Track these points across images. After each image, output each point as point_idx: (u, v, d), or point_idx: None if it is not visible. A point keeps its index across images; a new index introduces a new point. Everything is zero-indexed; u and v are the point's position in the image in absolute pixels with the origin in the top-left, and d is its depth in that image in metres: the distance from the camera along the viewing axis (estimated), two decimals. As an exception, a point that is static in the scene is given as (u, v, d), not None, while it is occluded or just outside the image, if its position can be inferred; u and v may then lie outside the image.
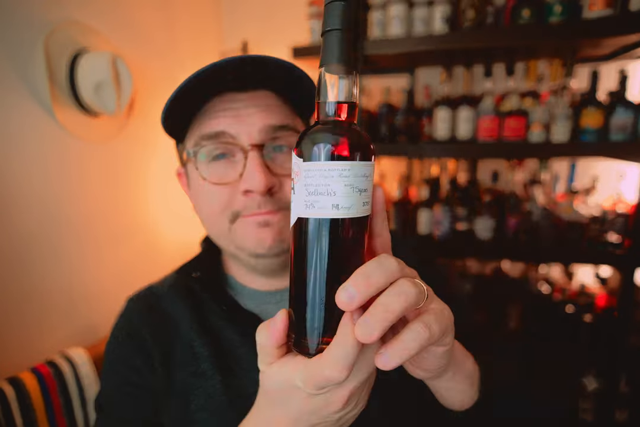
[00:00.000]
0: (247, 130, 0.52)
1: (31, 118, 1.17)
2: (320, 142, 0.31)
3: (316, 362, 0.31)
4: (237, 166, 0.54)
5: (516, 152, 1.44)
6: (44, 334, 1.22)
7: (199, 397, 0.55)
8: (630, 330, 1.39)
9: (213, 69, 0.48)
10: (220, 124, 0.53)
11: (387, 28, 1.49)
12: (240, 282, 0.65)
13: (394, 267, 0.30)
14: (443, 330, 0.32)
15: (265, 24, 2.00)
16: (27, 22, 1.14)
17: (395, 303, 0.29)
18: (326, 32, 0.32)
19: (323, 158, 0.31)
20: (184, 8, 1.79)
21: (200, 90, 0.51)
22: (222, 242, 0.60)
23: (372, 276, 0.29)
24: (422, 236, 1.62)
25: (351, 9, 0.31)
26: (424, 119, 1.59)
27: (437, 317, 0.32)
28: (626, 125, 1.29)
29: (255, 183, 0.51)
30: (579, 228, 1.43)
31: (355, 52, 0.30)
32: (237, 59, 0.48)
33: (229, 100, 0.54)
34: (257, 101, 0.54)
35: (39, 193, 1.21)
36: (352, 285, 0.29)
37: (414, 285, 0.30)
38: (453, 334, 0.35)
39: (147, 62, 1.59)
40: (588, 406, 1.51)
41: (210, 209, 0.56)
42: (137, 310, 0.62)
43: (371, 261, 0.31)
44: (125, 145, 1.50)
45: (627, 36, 1.26)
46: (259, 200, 0.53)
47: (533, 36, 1.34)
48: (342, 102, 0.33)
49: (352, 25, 0.32)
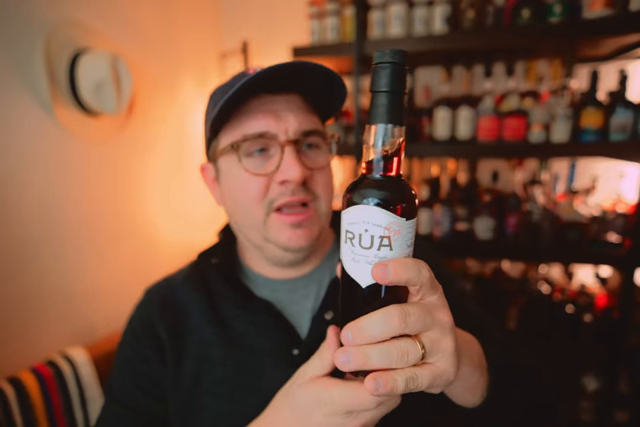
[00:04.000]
0: (284, 130, 0.58)
1: (31, 118, 1.18)
2: (415, 202, 0.36)
3: (356, 387, 0.38)
4: (272, 160, 0.59)
5: (516, 152, 1.44)
6: (43, 334, 1.22)
7: (207, 383, 0.58)
8: (630, 330, 1.39)
9: (271, 71, 0.52)
10: (262, 125, 0.57)
11: (387, 28, 1.49)
12: (254, 270, 0.68)
13: (395, 325, 0.34)
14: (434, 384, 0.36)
15: (265, 24, 2.00)
16: (27, 22, 1.14)
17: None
18: (375, 93, 0.34)
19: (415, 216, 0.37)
20: (184, 8, 1.79)
21: (247, 89, 0.55)
22: (252, 233, 0.62)
23: (367, 331, 0.34)
24: (422, 236, 1.62)
25: (402, 69, 0.34)
26: (424, 119, 1.59)
27: (434, 375, 0.35)
28: (626, 125, 1.29)
29: (292, 173, 0.56)
30: (579, 228, 1.43)
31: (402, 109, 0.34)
32: (298, 64, 0.53)
33: (268, 102, 0.59)
34: (290, 104, 0.59)
35: (39, 193, 1.21)
36: (350, 332, 0.34)
37: (411, 351, 0.34)
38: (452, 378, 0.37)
39: (147, 62, 1.59)
40: (588, 406, 1.51)
41: (248, 198, 0.59)
42: (153, 302, 0.66)
43: (378, 313, 0.34)
44: (125, 145, 1.50)
45: (627, 36, 1.26)
46: (292, 188, 0.57)
47: (533, 36, 1.34)
48: (398, 160, 0.37)
49: (404, 85, 0.35)
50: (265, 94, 0.59)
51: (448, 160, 1.71)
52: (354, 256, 0.35)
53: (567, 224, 1.44)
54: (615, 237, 1.41)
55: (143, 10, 1.56)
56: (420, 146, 1.53)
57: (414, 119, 1.60)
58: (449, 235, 1.59)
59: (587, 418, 1.51)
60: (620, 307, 1.38)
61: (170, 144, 1.75)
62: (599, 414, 1.49)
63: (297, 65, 0.53)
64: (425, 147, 1.52)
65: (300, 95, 0.62)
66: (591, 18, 1.27)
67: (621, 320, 1.37)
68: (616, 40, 1.32)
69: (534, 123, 1.39)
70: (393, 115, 0.34)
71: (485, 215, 1.53)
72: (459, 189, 1.67)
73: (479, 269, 1.80)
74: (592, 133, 1.32)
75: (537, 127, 1.38)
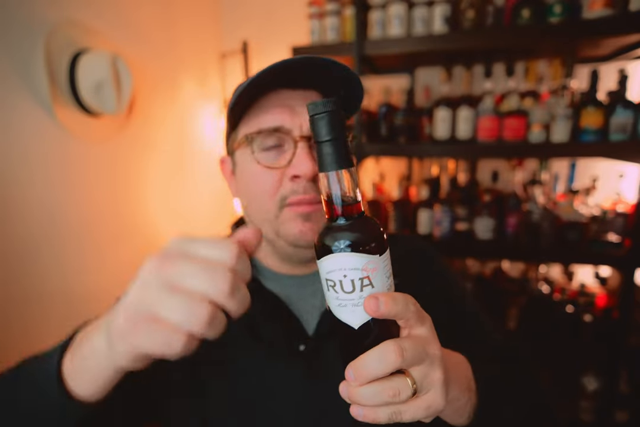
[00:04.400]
0: (299, 125, 0.58)
1: (31, 118, 1.18)
2: (383, 236, 0.38)
3: None
4: (285, 155, 0.60)
5: (516, 152, 1.44)
6: (43, 336, 1.22)
7: (205, 363, 0.60)
8: (630, 330, 1.39)
9: (285, 65, 0.53)
10: (278, 120, 0.58)
11: (387, 28, 1.49)
12: (264, 264, 0.69)
13: (392, 360, 0.34)
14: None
15: (265, 24, 2.00)
16: (27, 22, 1.14)
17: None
18: (319, 143, 0.35)
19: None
20: (184, 8, 1.79)
21: (264, 84, 0.56)
22: (265, 226, 0.62)
23: (367, 369, 0.35)
24: (422, 235, 1.62)
25: (338, 115, 0.35)
26: (424, 119, 1.59)
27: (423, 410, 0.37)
28: (626, 125, 1.29)
29: (303, 169, 0.56)
30: (579, 228, 1.43)
31: (350, 153, 0.36)
32: (315, 60, 0.53)
33: (285, 97, 0.59)
34: (307, 100, 0.59)
35: (39, 193, 1.21)
36: (352, 371, 0.35)
37: (403, 390, 0.35)
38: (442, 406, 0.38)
39: (147, 62, 1.59)
40: (588, 406, 1.51)
41: (262, 191, 0.60)
42: None
43: (375, 351, 0.35)
44: (126, 144, 1.50)
45: (627, 36, 1.26)
46: (304, 185, 0.58)
47: (533, 36, 1.34)
48: (357, 201, 0.38)
49: (344, 128, 0.35)
50: (284, 89, 0.60)
51: (448, 160, 1.71)
52: (340, 302, 0.36)
53: (567, 224, 1.44)
54: (615, 237, 1.41)
55: (143, 11, 1.56)
56: (420, 146, 1.53)
57: (414, 119, 1.60)
58: (449, 235, 1.59)
59: (587, 418, 1.52)
60: (620, 307, 1.38)
61: (170, 144, 1.75)
62: (599, 414, 1.49)
63: (314, 60, 0.53)
64: (425, 147, 1.52)
65: (319, 93, 0.62)
66: (591, 18, 1.27)
67: (621, 320, 1.37)
68: (616, 40, 1.32)
69: (534, 123, 1.39)
70: (341, 161, 0.36)
71: (485, 215, 1.53)
72: (459, 189, 1.67)
73: (479, 269, 1.80)
74: (592, 133, 1.32)
75: (537, 127, 1.38)
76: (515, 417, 0.55)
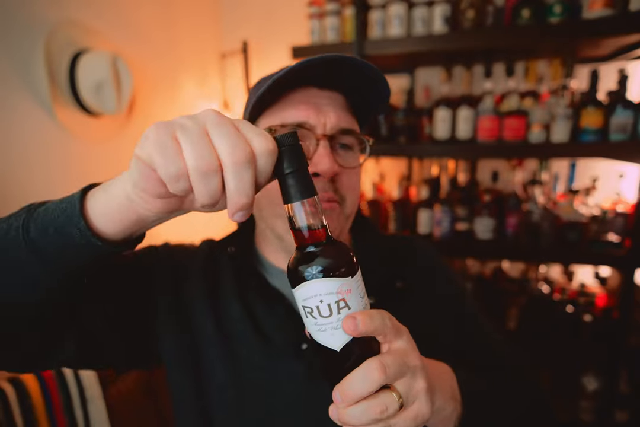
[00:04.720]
0: (323, 123, 0.58)
1: (32, 118, 1.18)
2: (353, 258, 0.39)
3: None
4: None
5: (516, 152, 1.44)
6: (44, 334, 1.22)
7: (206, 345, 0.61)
8: (630, 330, 1.39)
9: (311, 63, 0.52)
10: (303, 115, 0.58)
11: (387, 28, 1.49)
12: (269, 260, 0.68)
13: (376, 378, 0.35)
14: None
15: (265, 24, 2.00)
16: (27, 22, 1.14)
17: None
18: (285, 175, 0.37)
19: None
20: (184, 8, 1.79)
21: (293, 79, 0.55)
22: (278, 222, 0.62)
23: (353, 390, 0.35)
24: (422, 235, 1.62)
25: (297, 148, 0.36)
26: (424, 119, 1.59)
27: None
28: (626, 125, 1.29)
29: (323, 166, 0.56)
30: (579, 228, 1.43)
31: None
32: (349, 59, 0.52)
33: (313, 95, 0.59)
34: (333, 101, 0.60)
35: (40, 193, 1.21)
36: (338, 393, 0.36)
37: (390, 406, 0.36)
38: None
39: (147, 61, 1.59)
40: (588, 406, 1.51)
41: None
42: (203, 254, 0.69)
43: (359, 371, 0.36)
44: (126, 144, 1.50)
45: (627, 36, 1.27)
46: (323, 182, 0.57)
47: (533, 36, 1.34)
48: (324, 226, 0.39)
49: (304, 159, 0.37)
50: (311, 87, 0.60)
51: (448, 160, 1.71)
52: (319, 327, 0.37)
53: (567, 224, 1.44)
54: (615, 237, 1.41)
55: (143, 11, 1.56)
56: (420, 146, 1.53)
57: (414, 119, 1.60)
58: (448, 235, 1.59)
59: (587, 418, 1.52)
60: (620, 307, 1.38)
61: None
62: (599, 414, 1.49)
63: (347, 60, 0.52)
64: (425, 147, 1.52)
65: (344, 96, 0.62)
66: (591, 18, 1.27)
67: (621, 320, 1.37)
68: (616, 40, 1.32)
69: (534, 123, 1.39)
70: (304, 191, 0.37)
71: (485, 215, 1.53)
72: (459, 189, 1.67)
73: (479, 269, 1.80)
74: (592, 133, 1.32)
75: (537, 127, 1.38)
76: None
